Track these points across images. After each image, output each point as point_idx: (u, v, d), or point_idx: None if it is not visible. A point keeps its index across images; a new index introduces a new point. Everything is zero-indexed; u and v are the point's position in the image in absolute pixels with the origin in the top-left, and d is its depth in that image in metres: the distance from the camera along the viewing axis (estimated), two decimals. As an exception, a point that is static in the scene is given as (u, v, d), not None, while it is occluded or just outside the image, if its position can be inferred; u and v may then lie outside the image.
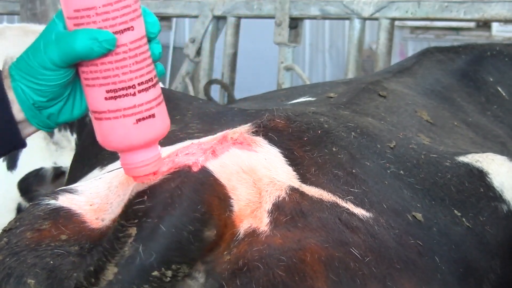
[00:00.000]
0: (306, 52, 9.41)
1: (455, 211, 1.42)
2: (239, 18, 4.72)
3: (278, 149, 1.37)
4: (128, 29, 1.17)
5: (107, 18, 1.15)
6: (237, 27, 4.73)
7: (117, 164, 1.58)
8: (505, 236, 1.44)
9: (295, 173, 1.34)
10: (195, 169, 1.22)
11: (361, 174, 1.40)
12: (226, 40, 4.75)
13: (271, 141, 1.38)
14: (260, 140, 1.37)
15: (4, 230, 1.28)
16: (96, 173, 1.70)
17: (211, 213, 1.19)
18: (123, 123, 1.18)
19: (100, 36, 1.14)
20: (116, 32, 1.16)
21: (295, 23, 4.51)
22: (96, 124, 1.20)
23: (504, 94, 2.47)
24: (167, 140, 1.68)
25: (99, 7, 1.15)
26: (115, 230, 1.18)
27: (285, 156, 1.37)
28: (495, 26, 8.25)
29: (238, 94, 4.76)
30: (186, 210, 1.18)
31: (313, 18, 4.56)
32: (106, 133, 1.19)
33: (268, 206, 1.25)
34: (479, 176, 1.49)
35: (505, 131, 2.25)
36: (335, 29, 9.26)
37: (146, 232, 1.15)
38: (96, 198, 1.31)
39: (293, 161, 1.36)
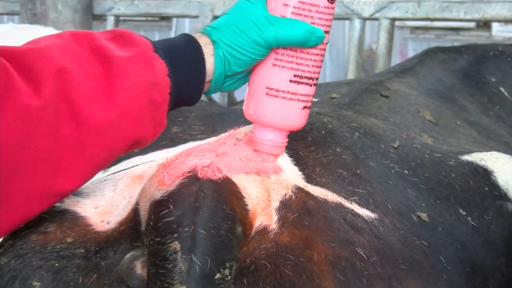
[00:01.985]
0: (306, 52, 9.38)
1: (460, 210, 1.42)
2: (239, 18, 4.71)
3: (283, 149, 1.37)
4: (327, 32, 1.34)
5: (321, 17, 1.32)
6: (237, 27, 4.72)
7: (121, 165, 1.57)
8: (511, 234, 1.44)
9: (300, 173, 1.34)
10: (210, 170, 1.22)
11: (366, 175, 1.40)
12: (226, 41, 4.74)
13: (276, 141, 1.38)
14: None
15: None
16: (99, 174, 1.69)
17: (235, 211, 1.19)
18: (295, 105, 1.34)
19: (316, 31, 1.31)
20: (324, 32, 1.33)
21: (295, 23, 4.50)
22: (265, 99, 1.34)
23: (506, 94, 2.47)
24: (170, 142, 1.68)
25: (321, 7, 1.32)
26: (156, 251, 1.15)
27: (290, 156, 1.37)
28: (495, 26, 8.24)
29: (238, 94, 4.76)
30: (215, 210, 1.17)
31: (313, 18, 4.55)
32: (275, 109, 1.34)
33: (276, 204, 1.25)
34: (484, 174, 1.49)
35: (507, 131, 2.25)
36: (335, 29, 9.25)
37: (189, 241, 1.14)
38: (101, 201, 1.31)
39: (298, 161, 1.37)
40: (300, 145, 1.40)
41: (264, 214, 1.23)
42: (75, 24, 4.92)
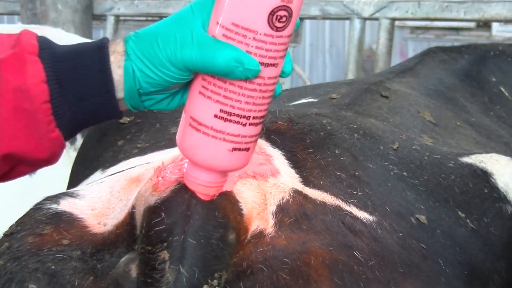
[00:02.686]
0: (306, 52, 9.41)
1: (459, 213, 1.41)
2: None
3: (280, 152, 1.37)
4: (272, 65, 1.11)
5: (261, 47, 1.09)
6: (237, 27, 4.72)
7: (118, 167, 1.57)
8: (510, 237, 1.43)
9: (298, 175, 1.34)
10: None
11: (364, 177, 1.39)
12: (226, 41, 4.74)
13: (274, 143, 1.38)
14: (262, 143, 1.37)
15: (5, 235, 1.27)
16: (97, 175, 1.69)
17: (228, 217, 1.18)
18: (219, 145, 1.13)
19: (247, 62, 1.08)
20: (262, 64, 1.10)
21: (295, 23, 4.50)
22: (188, 130, 1.15)
23: (507, 94, 2.47)
24: (169, 142, 1.68)
25: (260, 34, 1.08)
26: (146, 260, 1.14)
27: (288, 158, 1.36)
28: (495, 26, 8.25)
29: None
30: (206, 218, 1.16)
31: (313, 18, 4.55)
32: (196, 145, 1.14)
33: (272, 208, 1.24)
34: (483, 177, 1.48)
35: (508, 131, 2.25)
36: (335, 29, 9.27)
37: (179, 251, 1.13)
38: (98, 203, 1.30)
39: (296, 163, 1.36)
40: (298, 147, 1.39)
41: (260, 218, 1.22)
42: (75, 24, 4.93)
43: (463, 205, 1.43)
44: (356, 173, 1.39)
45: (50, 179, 2.93)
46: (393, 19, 4.21)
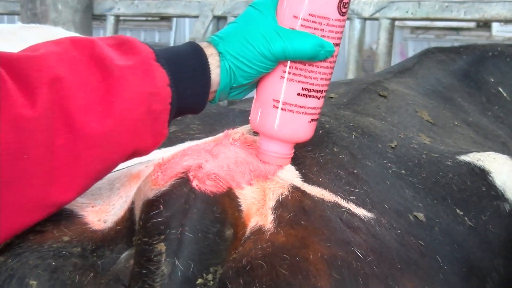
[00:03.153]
0: (306, 52, 9.38)
1: (457, 210, 1.42)
2: (239, 18, 4.70)
3: (280, 149, 1.37)
4: (338, 44, 1.31)
5: (332, 30, 1.29)
6: (237, 27, 4.72)
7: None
8: (508, 235, 1.44)
9: (297, 172, 1.34)
10: (202, 170, 1.22)
11: (363, 174, 1.40)
12: (226, 41, 4.74)
13: (273, 141, 1.38)
14: (262, 140, 1.37)
15: (6, 231, 1.27)
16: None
17: (226, 213, 1.18)
18: (301, 119, 1.32)
19: (326, 45, 1.29)
20: (334, 45, 1.30)
21: (295, 23, 4.50)
22: (272, 112, 1.32)
23: (505, 94, 2.47)
24: (168, 141, 1.68)
25: (331, 19, 1.28)
26: (143, 251, 1.15)
27: (287, 155, 1.37)
28: (495, 26, 8.23)
29: (238, 95, 4.75)
30: (204, 212, 1.17)
31: (313, 18, 4.55)
32: (282, 123, 1.32)
33: (271, 203, 1.25)
34: (481, 175, 1.49)
35: (505, 131, 2.25)
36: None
37: (175, 244, 1.14)
38: (98, 200, 1.31)
39: (295, 160, 1.37)
40: (297, 144, 1.40)
41: (259, 214, 1.23)
42: (75, 24, 4.93)
43: (461, 203, 1.43)
44: (355, 171, 1.39)
45: None
46: (393, 19, 4.21)
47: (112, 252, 1.23)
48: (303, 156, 1.38)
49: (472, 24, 8.15)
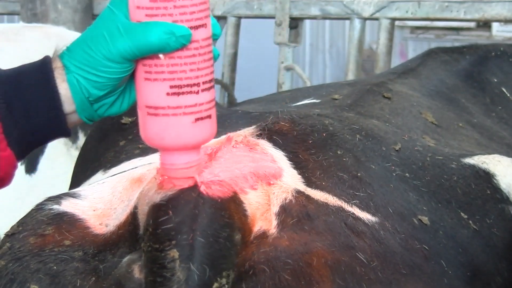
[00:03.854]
0: (306, 52, 9.40)
1: (462, 214, 1.41)
2: (239, 18, 4.70)
3: (282, 152, 1.36)
4: (202, 26, 1.14)
5: (184, 12, 1.13)
6: (237, 27, 4.72)
7: (120, 167, 1.57)
8: (512, 238, 1.43)
9: (300, 176, 1.33)
10: (208, 175, 1.21)
11: (366, 178, 1.39)
12: (226, 40, 4.74)
13: (276, 144, 1.37)
14: (265, 143, 1.37)
15: (7, 235, 1.27)
16: (99, 176, 1.69)
17: (233, 218, 1.18)
18: (181, 120, 1.15)
19: (177, 30, 1.12)
20: (191, 28, 1.13)
21: (295, 23, 4.50)
22: (148, 120, 1.17)
23: (508, 95, 2.47)
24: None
25: (178, 0, 1.12)
26: (154, 258, 1.14)
27: (290, 159, 1.36)
28: (495, 26, 8.24)
29: (238, 94, 4.76)
30: (213, 217, 1.16)
31: (313, 18, 4.55)
32: (160, 130, 1.16)
33: (276, 208, 1.25)
34: (486, 177, 1.48)
35: (509, 132, 2.24)
36: (335, 29, 9.26)
37: (188, 249, 1.13)
38: (100, 203, 1.30)
39: (298, 164, 1.36)
40: (300, 148, 1.39)
41: (263, 219, 1.22)
42: (75, 24, 4.92)
43: (465, 206, 1.43)
44: (358, 174, 1.39)
45: (51, 179, 2.92)
46: (393, 19, 4.21)
47: (113, 257, 1.23)
48: (306, 159, 1.37)
49: (472, 24, 8.16)
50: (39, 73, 1.18)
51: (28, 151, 1.22)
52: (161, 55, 1.14)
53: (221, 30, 1.22)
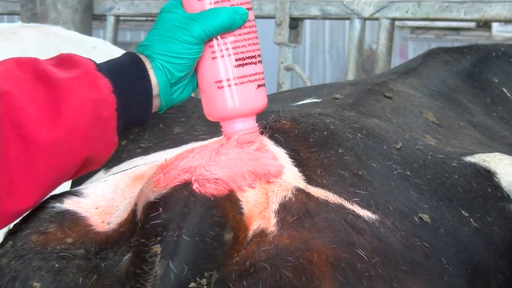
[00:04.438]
0: (306, 52, 9.40)
1: (463, 212, 1.41)
2: (239, 18, 4.70)
3: (284, 150, 1.37)
4: (250, 8, 1.39)
5: None
6: (237, 27, 4.72)
7: (123, 166, 1.57)
8: (513, 236, 1.43)
9: (301, 174, 1.34)
10: (206, 172, 1.21)
11: (367, 176, 1.39)
12: (226, 41, 4.74)
13: (277, 142, 1.38)
14: (266, 141, 1.37)
15: (10, 233, 1.27)
16: (100, 175, 1.69)
17: (226, 217, 1.18)
18: (248, 87, 1.37)
19: (239, 10, 1.36)
20: (246, 9, 1.38)
21: (295, 23, 4.50)
22: (218, 94, 1.37)
23: (509, 95, 2.47)
24: (173, 142, 1.68)
25: None
26: (139, 252, 1.16)
27: (291, 157, 1.36)
28: (495, 26, 8.24)
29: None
30: (203, 216, 1.17)
31: (313, 18, 4.55)
32: (233, 99, 1.36)
33: (275, 206, 1.25)
34: (487, 176, 1.48)
35: (510, 132, 2.24)
36: (335, 29, 9.26)
37: (171, 247, 1.14)
38: (102, 201, 1.30)
39: (299, 162, 1.36)
40: (301, 146, 1.39)
41: (262, 217, 1.23)
42: (75, 24, 4.92)
43: (466, 204, 1.43)
44: (359, 172, 1.39)
45: None
46: (393, 19, 4.21)
47: (115, 254, 1.23)
48: (308, 157, 1.37)
49: (472, 24, 8.16)
50: (135, 68, 1.34)
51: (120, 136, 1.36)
52: (226, 34, 1.36)
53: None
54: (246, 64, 1.37)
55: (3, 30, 3.23)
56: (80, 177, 1.80)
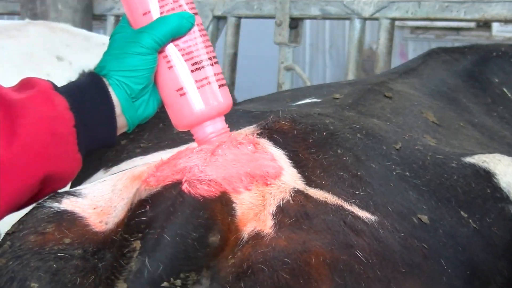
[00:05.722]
0: (306, 52, 9.40)
1: (462, 213, 1.41)
2: (239, 18, 4.70)
3: (283, 151, 1.36)
4: (196, 13, 1.41)
5: (181, 4, 1.39)
6: (237, 27, 4.72)
7: (123, 166, 1.57)
8: (512, 237, 1.43)
9: (300, 175, 1.33)
10: (196, 173, 1.21)
11: (366, 177, 1.39)
12: (226, 40, 4.74)
13: (276, 143, 1.37)
14: (265, 142, 1.37)
15: (7, 233, 1.27)
16: (100, 175, 1.70)
17: (214, 219, 1.18)
18: (210, 88, 1.39)
19: (185, 14, 1.39)
20: (193, 14, 1.40)
21: (295, 23, 4.50)
22: (182, 101, 1.38)
23: (509, 95, 2.47)
24: (172, 142, 1.68)
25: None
26: (120, 246, 1.18)
27: (290, 158, 1.36)
28: (495, 26, 8.24)
29: (238, 94, 4.74)
30: (189, 217, 1.17)
31: (314, 18, 4.54)
32: (198, 103, 1.38)
33: (272, 208, 1.24)
34: (486, 176, 1.48)
35: (511, 132, 2.24)
36: (335, 29, 9.26)
37: (150, 244, 1.15)
38: (100, 201, 1.30)
39: (298, 163, 1.35)
40: (300, 146, 1.39)
41: (257, 219, 1.22)
42: (75, 24, 4.91)
43: (465, 205, 1.43)
44: (359, 173, 1.38)
45: None
46: (393, 19, 4.20)
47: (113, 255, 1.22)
48: (306, 158, 1.37)
49: (472, 24, 8.15)
50: (95, 86, 1.37)
51: (85, 157, 1.37)
52: (176, 41, 1.38)
53: None
54: (203, 67, 1.38)
55: (8, 27, 3.23)
56: (78, 177, 1.80)
